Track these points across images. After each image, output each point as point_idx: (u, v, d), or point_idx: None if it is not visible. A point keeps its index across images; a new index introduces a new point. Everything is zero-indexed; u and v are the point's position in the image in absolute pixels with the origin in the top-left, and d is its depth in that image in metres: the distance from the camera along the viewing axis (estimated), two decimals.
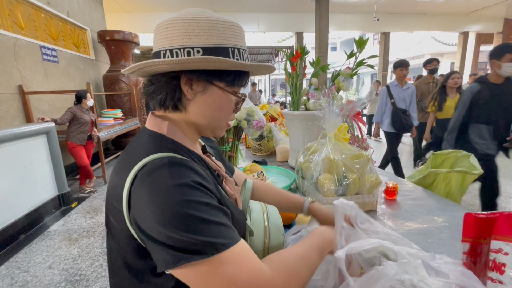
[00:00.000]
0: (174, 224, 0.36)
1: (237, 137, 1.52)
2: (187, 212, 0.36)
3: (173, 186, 0.37)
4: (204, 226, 0.37)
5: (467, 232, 0.36)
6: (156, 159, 0.41)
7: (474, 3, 8.15)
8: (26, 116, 3.33)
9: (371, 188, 0.99)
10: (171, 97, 0.48)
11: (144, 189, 0.38)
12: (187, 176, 0.40)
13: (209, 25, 0.45)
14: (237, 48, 0.47)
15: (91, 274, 1.88)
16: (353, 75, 1.45)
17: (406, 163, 4.63)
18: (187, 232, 0.36)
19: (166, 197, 0.37)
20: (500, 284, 0.34)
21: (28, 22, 3.47)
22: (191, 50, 0.44)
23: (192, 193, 0.38)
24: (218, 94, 0.49)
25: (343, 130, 1.03)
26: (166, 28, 0.46)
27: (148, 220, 0.37)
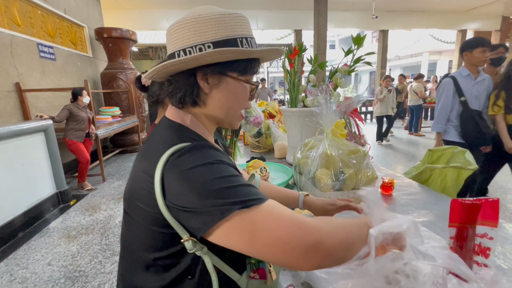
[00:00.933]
0: (211, 195, 0.39)
1: (235, 134, 1.53)
2: (219, 183, 0.40)
3: (202, 164, 0.42)
4: (238, 189, 0.41)
5: (454, 217, 0.38)
6: (184, 146, 0.45)
7: (472, 1, 8.17)
8: (23, 113, 3.31)
9: (367, 183, 1.00)
10: (190, 93, 0.51)
11: (178, 169, 0.42)
12: (213, 156, 0.44)
13: (216, 20, 0.47)
14: (244, 37, 0.50)
15: (90, 271, 1.89)
16: (350, 72, 1.45)
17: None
18: (224, 198, 0.39)
19: (199, 174, 0.41)
20: (485, 267, 0.36)
21: (25, 19, 3.45)
22: (202, 46, 0.47)
23: (220, 167, 0.43)
24: (233, 84, 0.51)
25: (340, 126, 1.04)
26: (176, 29, 0.49)
27: (185, 196, 0.41)
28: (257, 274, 0.54)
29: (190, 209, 0.41)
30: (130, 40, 5.07)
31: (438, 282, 0.32)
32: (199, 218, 0.40)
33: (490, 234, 0.35)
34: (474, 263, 0.37)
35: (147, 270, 0.50)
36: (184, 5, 7.49)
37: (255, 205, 0.40)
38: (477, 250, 0.37)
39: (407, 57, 16.43)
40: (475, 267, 0.37)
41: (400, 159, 4.63)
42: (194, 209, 0.40)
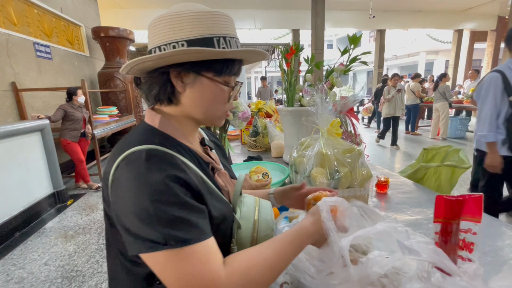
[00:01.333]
0: (140, 215, 0.39)
1: (223, 130, 1.53)
2: (152, 206, 0.39)
3: (145, 180, 0.40)
4: (168, 220, 0.39)
5: (438, 213, 0.39)
6: (136, 151, 0.43)
7: (468, 1, 8.22)
8: (19, 113, 3.30)
9: (362, 182, 1.01)
10: (164, 91, 0.50)
11: (121, 178, 0.42)
12: (162, 170, 0.41)
13: (191, 17, 0.46)
14: (222, 37, 0.48)
15: (87, 270, 1.89)
16: (346, 71, 1.46)
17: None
18: (150, 224, 0.38)
19: (137, 189, 0.39)
20: (469, 262, 0.37)
21: (21, 18, 3.42)
22: (176, 44, 0.46)
23: (161, 188, 0.40)
24: (208, 85, 0.50)
25: (336, 125, 1.05)
26: (154, 26, 0.48)
27: (119, 207, 0.41)
28: None
29: (121, 223, 0.41)
30: (128, 39, 5.05)
31: (423, 276, 0.33)
32: (126, 238, 0.41)
33: (474, 229, 0.37)
34: (459, 257, 0.38)
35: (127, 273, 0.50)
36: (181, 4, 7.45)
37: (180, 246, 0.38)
38: (462, 245, 0.38)
39: (404, 57, 16.51)
40: (459, 262, 0.38)
41: (397, 158, 4.66)
42: (124, 225, 0.40)
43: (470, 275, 0.34)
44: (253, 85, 21.52)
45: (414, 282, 0.32)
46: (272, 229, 0.57)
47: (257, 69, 19.06)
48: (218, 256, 0.42)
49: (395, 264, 0.44)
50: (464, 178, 3.48)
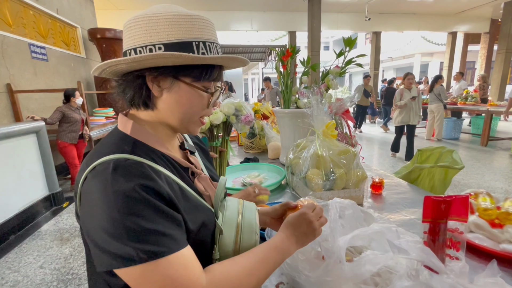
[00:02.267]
0: (109, 229, 0.37)
1: (226, 133, 1.54)
2: (121, 219, 0.37)
3: (112, 192, 0.38)
4: (138, 233, 0.37)
5: (427, 213, 0.40)
6: (104, 162, 0.42)
7: (462, 4, 8.34)
8: (14, 115, 3.27)
9: (357, 183, 1.03)
10: (139, 95, 0.48)
11: (89, 191, 0.40)
12: (129, 180, 0.39)
13: (169, 20, 0.44)
14: (202, 42, 0.46)
15: (83, 273, 1.88)
16: (342, 73, 1.48)
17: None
18: (119, 239, 0.37)
19: (105, 202, 0.38)
20: (457, 260, 0.38)
21: (16, 20, 3.40)
22: (153, 47, 0.44)
23: (129, 199, 0.38)
24: (185, 90, 0.48)
25: (331, 127, 1.07)
26: (129, 27, 0.46)
27: (87, 220, 0.40)
28: None
29: (90, 238, 0.39)
30: None
31: (412, 274, 0.34)
32: (94, 254, 0.39)
33: (461, 229, 0.38)
34: (447, 256, 0.39)
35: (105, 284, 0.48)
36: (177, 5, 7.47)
37: (153, 260, 0.37)
38: (449, 244, 0.39)
39: (399, 59, 16.67)
40: (447, 260, 0.39)
41: (392, 159, 4.70)
42: (92, 240, 0.39)
43: (456, 272, 0.36)
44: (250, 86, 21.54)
45: (403, 280, 0.33)
46: (256, 233, 0.55)
47: (254, 70, 19.10)
48: (197, 265, 0.42)
49: (388, 263, 0.45)
50: (458, 178, 3.53)
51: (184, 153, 0.59)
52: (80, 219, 0.43)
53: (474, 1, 8.13)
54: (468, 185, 3.30)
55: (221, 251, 0.51)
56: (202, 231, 0.48)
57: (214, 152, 1.27)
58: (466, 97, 6.27)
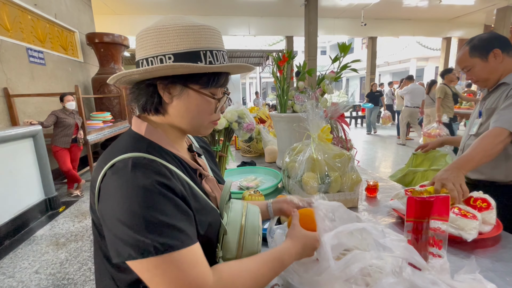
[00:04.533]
0: (128, 222, 0.39)
1: (227, 138, 1.56)
2: (140, 212, 0.39)
3: (132, 187, 0.41)
4: (154, 226, 0.39)
5: (410, 213, 0.42)
6: (122, 159, 0.44)
7: (456, 10, 8.50)
8: (11, 119, 3.26)
9: (352, 186, 1.04)
10: (151, 102, 0.51)
11: (108, 186, 0.43)
12: (147, 177, 0.42)
13: (178, 31, 0.48)
14: (209, 50, 0.49)
15: (79, 278, 1.87)
16: (337, 78, 1.51)
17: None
18: (138, 231, 0.39)
19: (125, 196, 0.40)
20: (440, 258, 0.40)
21: (14, 24, 3.41)
22: (163, 57, 0.47)
23: (148, 194, 0.41)
24: (194, 97, 0.51)
25: (326, 131, 1.09)
26: (141, 38, 0.50)
27: (108, 214, 0.42)
28: None
29: (108, 230, 0.42)
30: (122, 45, 5.06)
31: (396, 271, 0.35)
32: (112, 245, 0.41)
33: (443, 228, 0.40)
34: (430, 254, 0.41)
35: (111, 279, 0.50)
36: (175, 11, 7.53)
37: (168, 252, 0.39)
38: (432, 243, 0.41)
39: (395, 63, 16.87)
40: (430, 258, 0.41)
41: (388, 162, 4.74)
42: (111, 231, 0.41)
43: (438, 269, 0.37)
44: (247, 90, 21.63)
45: (388, 277, 0.35)
46: (259, 234, 0.57)
47: (251, 74, 19.21)
48: (205, 262, 0.43)
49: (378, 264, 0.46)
50: None
51: (192, 155, 0.62)
52: (98, 213, 0.45)
53: (468, 7, 8.29)
54: None
55: (224, 249, 0.54)
56: (209, 231, 0.51)
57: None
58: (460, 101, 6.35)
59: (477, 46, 1.08)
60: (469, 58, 1.10)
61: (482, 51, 1.08)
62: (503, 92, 1.07)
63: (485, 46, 1.07)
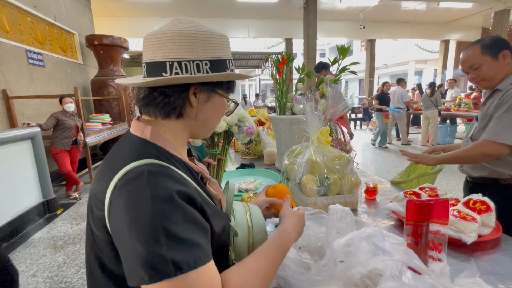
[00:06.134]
0: (144, 239, 0.37)
1: (227, 141, 1.55)
2: (157, 229, 0.37)
3: (149, 199, 0.38)
4: (173, 244, 0.37)
5: (409, 216, 0.42)
6: (136, 167, 0.42)
7: (453, 13, 8.57)
8: (10, 121, 3.25)
9: (351, 188, 1.04)
10: (180, 106, 0.50)
11: (122, 199, 0.39)
12: (165, 187, 0.40)
13: (213, 39, 0.50)
14: (230, 60, 0.53)
15: (76, 281, 1.85)
16: (336, 81, 1.51)
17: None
18: (154, 249, 0.36)
19: (141, 210, 0.38)
20: (439, 262, 0.39)
21: (14, 26, 3.41)
22: (200, 63, 0.48)
23: (167, 207, 0.38)
24: (219, 101, 0.54)
25: (325, 133, 1.09)
26: (171, 39, 0.47)
27: (122, 230, 0.38)
28: None
29: (123, 248, 0.39)
30: (122, 47, 5.07)
31: (396, 275, 0.35)
32: (127, 265, 0.38)
33: (442, 231, 0.39)
34: (430, 258, 0.41)
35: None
36: (175, 13, 7.56)
37: (186, 272, 0.37)
38: (432, 246, 0.41)
39: (394, 66, 16.94)
40: (430, 261, 0.40)
41: (387, 165, 4.74)
42: (126, 251, 0.38)
43: (437, 273, 0.37)
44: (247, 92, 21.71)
45: (388, 281, 0.35)
46: (266, 231, 0.59)
47: None
48: (219, 278, 0.42)
49: (379, 266, 0.46)
50: (453, 184, 3.56)
51: (190, 159, 0.62)
52: (109, 229, 0.42)
53: (465, 11, 8.36)
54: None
55: (236, 252, 0.55)
56: (224, 234, 0.51)
57: (213, 159, 1.28)
58: (459, 103, 6.38)
59: (489, 45, 1.10)
60: (480, 56, 1.11)
61: (493, 50, 1.09)
62: (495, 99, 1.11)
63: (497, 45, 1.10)
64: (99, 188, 0.44)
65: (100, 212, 0.43)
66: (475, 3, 7.48)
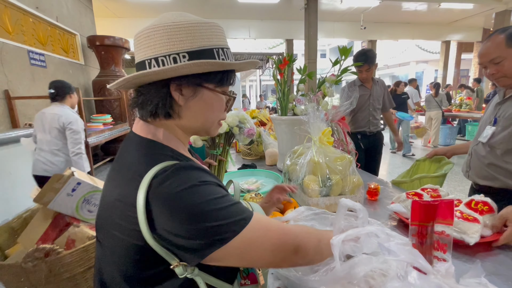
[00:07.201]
0: (204, 221, 0.39)
1: (228, 143, 1.56)
2: (209, 206, 0.40)
3: (190, 187, 0.41)
4: (229, 210, 0.41)
5: (414, 217, 0.42)
6: (166, 166, 0.42)
7: (454, 14, 8.56)
8: (12, 121, 3.26)
9: (353, 189, 1.04)
10: (162, 105, 0.47)
11: (165, 197, 0.40)
12: (201, 175, 0.43)
13: (191, 28, 0.45)
14: (220, 48, 0.47)
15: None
16: (337, 81, 1.52)
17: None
18: (218, 224, 0.40)
19: (189, 198, 0.40)
20: (444, 262, 0.40)
21: (16, 27, 3.43)
22: (177, 56, 0.44)
23: (208, 189, 0.42)
24: (209, 96, 0.49)
25: (327, 134, 1.09)
26: (147, 36, 0.45)
27: (177, 224, 0.40)
28: (247, 280, 0.56)
29: (183, 238, 0.40)
30: (123, 48, 5.09)
31: (401, 275, 0.35)
32: (194, 246, 0.40)
33: (447, 231, 0.40)
34: (434, 258, 0.41)
35: None
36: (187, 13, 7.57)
37: (246, 224, 0.41)
38: (436, 246, 0.41)
39: (395, 66, 16.94)
40: (435, 262, 0.41)
41: (389, 166, 4.73)
42: (188, 237, 0.39)
43: (443, 273, 0.37)
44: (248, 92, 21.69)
45: (394, 281, 0.35)
46: None
47: (251, 77, 19.27)
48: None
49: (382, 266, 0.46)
50: (454, 185, 3.56)
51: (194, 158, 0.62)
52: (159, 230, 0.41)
53: (466, 11, 8.35)
54: (465, 191, 3.33)
55: None
56: None
57: (214, 160, 1.28)
58: (460, 104, 6.37)
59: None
60: (504, 48, 0.95)
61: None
62: None
63: None
64: (122, 191, 0.43)
65: (130, 215, 0.41)
66: (476, 4, 7.47)
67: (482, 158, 1.11)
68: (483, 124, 1.16)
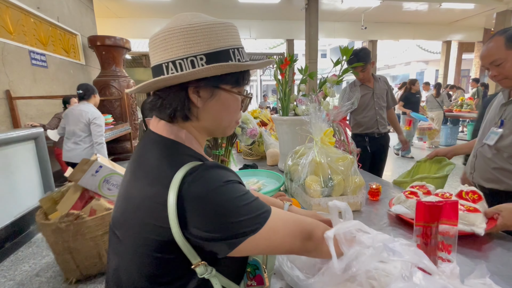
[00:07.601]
0: (234, 216, 0.42)
1: (230, 143, 1.56)
2: (237, 203, 0.43)
3: (220, 186, 0.43)
4: (253, 205, 0.44)
5: (419, 217, 0.42)
6: (195, 166, 0.44)
7: (455, 14, 8.55)
8: (13, 121, 3.27)
9: (355, 189, 1.04)
10: (181, 108, 0.48)
11: (196, 194, 0.42)
12: (225, 176, 0.45)
13: (207, 29, 0.45)
14: (236, 48, 0.48)
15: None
16: (339, 82, 1.52)
17: None
18: (246, 218, 0.43)
19: (218, 197, 0.42)
20: (449, 262, 0.40)
21: (17, 27, 3.44)
22: (194, 58, 0.44)
23: (234, 187, 0.44)
24: (226, 97, 0.50)
25: (329, 134, 1.09)
26: (163, 39, 0.45)
27: (210, 221, 0.42)
28: (254, 281, 0.57)
29: (215, 233, 0.41)
30: (124, 48, 5.09)
31: (406, 276, 0.35)
32: (225, 239, 0.42)
33: (452, 232, 0.40)
34: (439, 258, 0.41)
35: None
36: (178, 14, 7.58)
37: (269, 216, 0.45)
38: (441, 247, 0.41)
39: (395, 66, 16.94)
40: (440, 262, 0.41)
41: (390, 166, 4.73)
42: (220, 232, 0.42)
43: (447, 274, 0.37)
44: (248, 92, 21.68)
45: (398, 282, 0.35)
46: None
47: (252, 77, 19.22)
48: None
49: (385, 267, 0.46)
50: (455, 185, 3.55)
51: None
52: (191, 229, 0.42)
53: (467, 11, 8.34)
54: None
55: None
56: None
57: (216, 161, 1.28)
58: (461, 104, 6.36)
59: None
60: (504, 50, 0.95)
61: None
62: None
63: None
64: (153, 191, 0.44)
65: (160, 214, 0.42)
66: (477, 4, 7.46)
67: (488, 161, 1.10)
68: (488, 125, 1.14)
